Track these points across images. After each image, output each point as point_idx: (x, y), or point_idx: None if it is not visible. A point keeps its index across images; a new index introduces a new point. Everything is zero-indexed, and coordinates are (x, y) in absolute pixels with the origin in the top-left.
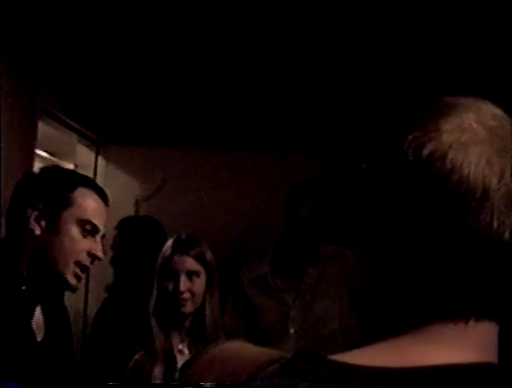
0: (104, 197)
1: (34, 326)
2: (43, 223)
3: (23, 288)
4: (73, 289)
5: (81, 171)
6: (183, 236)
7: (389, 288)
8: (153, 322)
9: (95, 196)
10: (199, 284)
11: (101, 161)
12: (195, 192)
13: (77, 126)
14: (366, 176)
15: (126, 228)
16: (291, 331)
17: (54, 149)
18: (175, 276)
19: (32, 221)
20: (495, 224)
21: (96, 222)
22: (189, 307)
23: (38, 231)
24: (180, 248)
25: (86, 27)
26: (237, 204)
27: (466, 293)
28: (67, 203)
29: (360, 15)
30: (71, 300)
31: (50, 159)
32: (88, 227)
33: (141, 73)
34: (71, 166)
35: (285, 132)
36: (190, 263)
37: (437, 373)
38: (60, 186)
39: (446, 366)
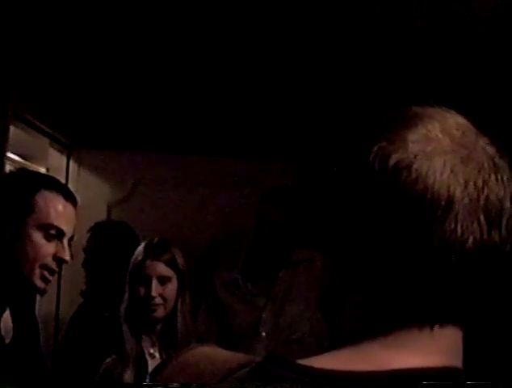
0: (71, 198)
1: (2, 329)
2: (6, 229)
3: None
4: (42, 292)
5: (52, 175)
6: (155, 241)
7: (356, 293)
8: (125, 326)
9: (60, 198)
10: (171, 289)
11: (73, 165)
12: (166, 197)
13: (48, 130)
14: (334, 185)
15: (99, 232)
16: (263, 334)
17: (26, 152)
18: (147, 281)
19: None
20: (459, 232)
21: (61, 226)
22: (160, 312)
23: (3, 237)
24: (152, 253)
25: (58, 31)
26: (209, 208)
27: (431, 300)
28: (29, 208)
29: (328, 26)
30: (43, 304)
31: (22, 163)
32: (52, 231)
33: (113, 78)
34: (43, 170)
35: (257, 138)
36: (162, 268)
37: (403, 377)
38: (22, 190)
39: (412, 370)
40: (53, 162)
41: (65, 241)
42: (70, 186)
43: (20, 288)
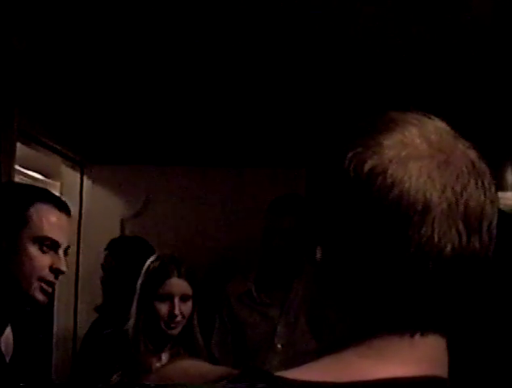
0: (64, 208)
1: (3, 346)
2: (1, 243)
3: None
4: (41, 305)
5: (67, 191)
6: (175, 257)
7: (335, 301)
8: (142, 343)
9: (53, 210)
10: (189, 306)
11: (87, 181)
12: (179, 209)
13: (59, 148)
14: (312, 193)
15: (117, 248)
16: (279, 346)
17: (41, 170)
18: (169, 299)
19: None
20: (436, 238)
21: (55, 237)
22: (178, 329)
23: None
24: (175, 270)
25: (64, 47)
26: (223, 219)
27: (409, 308)
28: (23, 222)
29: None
30: (61, 319)
31: (41, 179)
32: (47, 243)
33: (123, 93)
34: (58, 185)
35: (270, 147)
36: (185, 286)
37: (380, 387)
38: (15, 204)
39: (391, 380)
40: (67, 179)
41: (61, 252)
42: (85, 202)
43: (20, 302)
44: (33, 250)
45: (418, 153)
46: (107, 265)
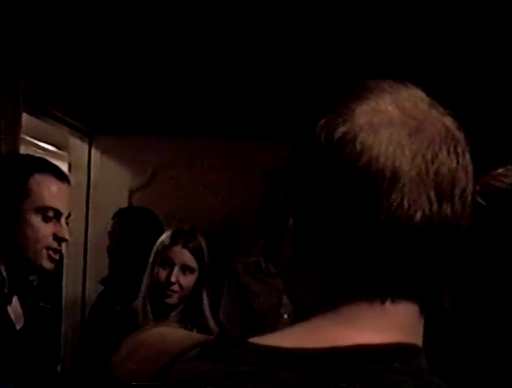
0: (63, 177)
1: (12, 316)
2: (5, 217)
3: None
4: (50, 273)
5: (75, 161)
6: (186, 228)
7: (308, 269)
8: (148, 307)
9: (53, 180)
10: (190, 279)
11: (95, 151)
12: (187, 181)
13: (67, 119)
14: (288, 161)
15: (124, 217)
16: (285, 316)
17: (51, 140)
18: (170, 266)
19: None
20: (406, 205)
21: (57, 206)
22: (174, 299)
23: (2, 225)
24: (182, 240)
25: (71, 16)
26: (230, 191)
27: (379, 275)
28: (24, 194)
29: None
30: (69, 289)
31: (52, 150)
32: (49, 213)
33: (132, 63)
34: (66, 155)
35: (276, 118)
36: (188, 257)
37: (351, 353)
38: (15, 177)
39: (364, 346)
40: (75, 150)
41: (63, 220)
42: (93, 172)
43: (26, 272)
44: (36, 220)
45: (390, 120)
46: (115, 233)
